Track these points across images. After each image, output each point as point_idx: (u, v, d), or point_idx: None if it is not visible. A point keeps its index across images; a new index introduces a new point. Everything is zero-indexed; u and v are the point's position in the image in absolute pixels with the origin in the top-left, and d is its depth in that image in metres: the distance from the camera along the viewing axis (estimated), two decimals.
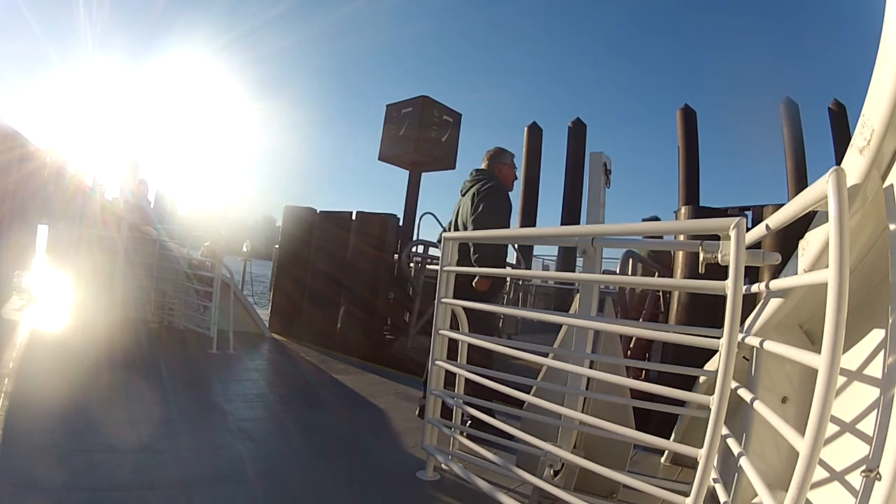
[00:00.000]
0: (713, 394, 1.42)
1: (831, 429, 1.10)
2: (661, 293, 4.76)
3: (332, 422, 3.24)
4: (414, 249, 6.17)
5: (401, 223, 6.59)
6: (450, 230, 3.53)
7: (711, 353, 1.66)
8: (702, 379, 2.45)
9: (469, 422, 2.59)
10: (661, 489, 1.58)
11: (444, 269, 2.45)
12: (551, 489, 1.87)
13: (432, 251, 6.19)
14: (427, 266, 6.16)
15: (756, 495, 1.33)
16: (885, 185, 1.31)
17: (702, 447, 1.44)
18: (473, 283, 3.20)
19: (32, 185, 5.82)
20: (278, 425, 3.05)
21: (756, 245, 1.84)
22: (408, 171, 7.82)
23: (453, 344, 2.50)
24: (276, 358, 5.09)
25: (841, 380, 1.41)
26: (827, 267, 1.10)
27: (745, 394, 1.63)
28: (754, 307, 1.89)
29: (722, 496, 1.67)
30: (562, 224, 19.80)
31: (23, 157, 5.45)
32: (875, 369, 1.35)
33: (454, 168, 7.88)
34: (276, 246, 7.43)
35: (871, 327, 1.47)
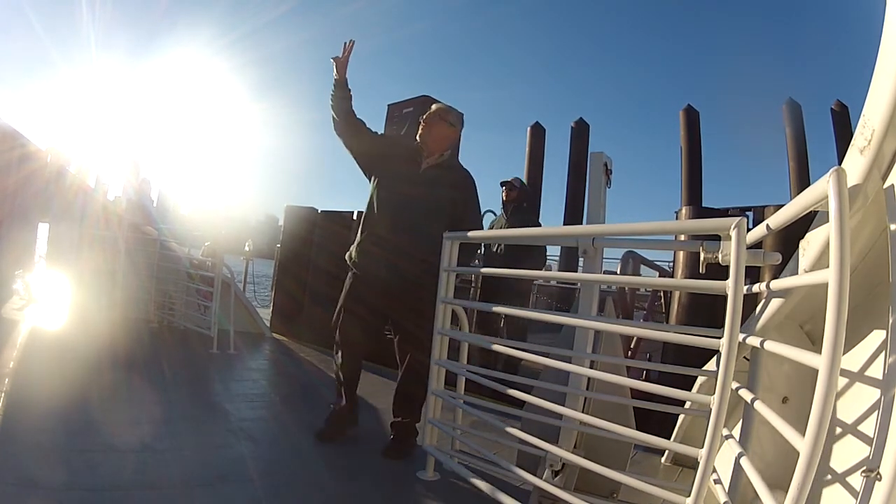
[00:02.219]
0: (713, 394, 1.42)
1: (831, 429, 1.10)
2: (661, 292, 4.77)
3: None
4: None
5: None
6: None
7: (711, 353, 1.66)
8: (702, 379, 2.45)
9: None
10: (661, 489, 1.58)
11: (444, 268, 2.45)
12: (551, 489, 1.86)
13: None
14: None
15: (756, 495, 1.33)
16: (885, 185, 1.31)
17: (702, 447, 1.44)
18: None
19: (33, 186, 5.83)
20: (279, 425, 3.06)
21: (757, 245, 1.84)
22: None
23: (453, 343, 2.50)
24: (278, 357, 5.09)
25: (841, 380, 1.41)
26: (827, 267, 1.10)
27: (745, 394, 1.63)
28: (754, 307, 1.88)
29: (722, 496, 1.67)
30: (565, 224, 19.81)
31: (23, 158, 5.46)
32: (875, 370, 1.34)
33: None
34: (278, 245, 7.44)
35: (871, 327, 1.47)
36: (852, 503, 1.11)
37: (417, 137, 2.80)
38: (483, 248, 4.70)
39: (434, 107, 2.87)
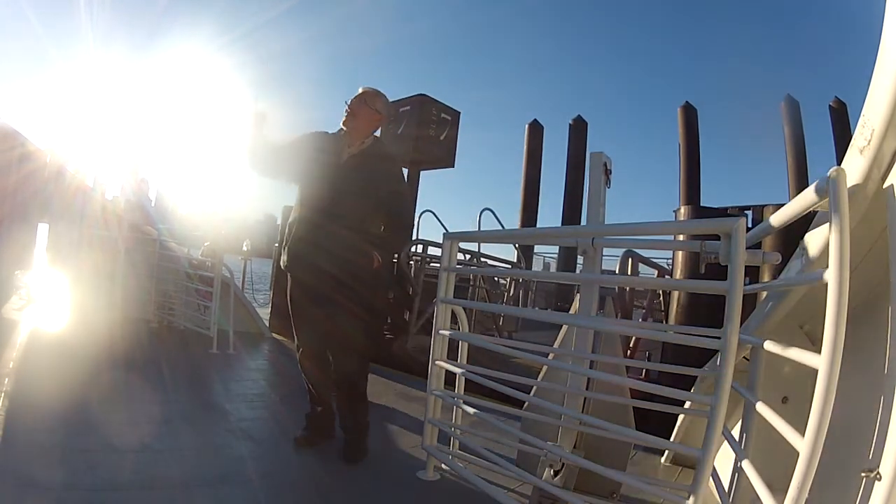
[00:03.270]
0: (713, 394, 1.43)
1: (831, 429, 1.10)
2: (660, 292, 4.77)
3: None
4: (414, 249, 6.18)
5: None
6: None
7: (711, 352, 1.66)
8: (702, 379, 2.45)
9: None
10: (660, 489, 1.58)
11: (444, 268, 2.45)
12: (551, 489, 1.87)
13: (432, 250, 6.20)
14: (427, 265, 6.17)
15: (756, 495, 1.33)
16: (885, 185, 1.31)
17: (702, 447, 1.44)
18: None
19: (33, 185, 5.82)
20: (279, 425, 3.05)
21: (756, 245, 1.84)
22: (406, 170, 7.82)
23: (453, 343, 2.50)
24: (277, 357, 5.09)
25: (841, 380, 1.41)
26: (827, 267, 1.10)
27: (745, 394, 1.63)
28: (754, 307, 1.88)
29: (722, 496, 1.67)
30: (563, 222, 19.85)
31: (23, 157, 5.45)
32: (875, 370, 1.35)
33: (453, 166, 7.88)
34: (276, 244, 7.44)
35: (871, 327, 1.47)
36: (852, 503, 1.12)
37: (342, 124, 2.64)
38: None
39: (361, 90, 2.69)
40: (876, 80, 1.32)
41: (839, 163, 1.42)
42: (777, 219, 1.54)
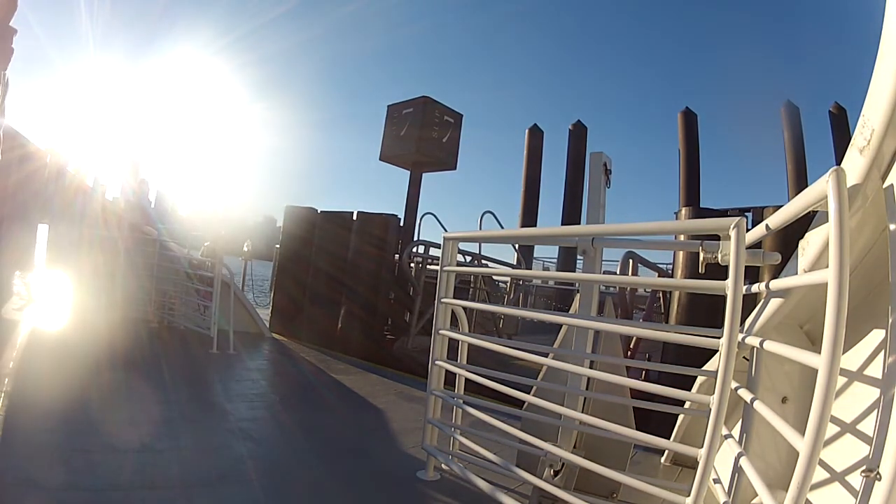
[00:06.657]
0: (713, 394, 1.43)
1: (831, 429, 1.10)
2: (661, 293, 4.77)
3: (333, 422, 3.24)
4: (415, 249, 6.19)
5: (402, 223, 6.60)
6: None
7: (711, 353, 1.66)
8: (701, 379, 2.45)
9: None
10: (660, 489, 1.58)
11: (445, 269, 2.45)
12: (551, 489, 1.87)
13: (433, 251, 6.21)
14: (428, 266, 6.19)
15: (756, 495, 1.33)
16: (885, 186, 1.32)
17: (702, 447, 1.44)
18: None
19: (33, 186, 5.81)
20: (278, 425, 3.05)
21: (756, 245, 1.84)
22: (409, 172, 7.83)
23: (453, 343, 2.50)
24: (277, 358, 5.09)
25: (841, 380, 1.41)
26: (827, 267, 1.10)
27: (745, 394, 1.63)
28: (754, 307, 1.88)
29: (722, 496, 1.67)
30: (562, 226, 19.82)
31: (23, 158, 5.45)
32: (875, 369, 1.35)
33: (455, 168, 7.90)
34: (277, 246, 7.45)
35: (871, 327, 1.47)
36: (852, 503, 1.12)
37: None
38: None
39: None
40: (876, 79, 1.33)
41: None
42: (777, 219, 1.54)
